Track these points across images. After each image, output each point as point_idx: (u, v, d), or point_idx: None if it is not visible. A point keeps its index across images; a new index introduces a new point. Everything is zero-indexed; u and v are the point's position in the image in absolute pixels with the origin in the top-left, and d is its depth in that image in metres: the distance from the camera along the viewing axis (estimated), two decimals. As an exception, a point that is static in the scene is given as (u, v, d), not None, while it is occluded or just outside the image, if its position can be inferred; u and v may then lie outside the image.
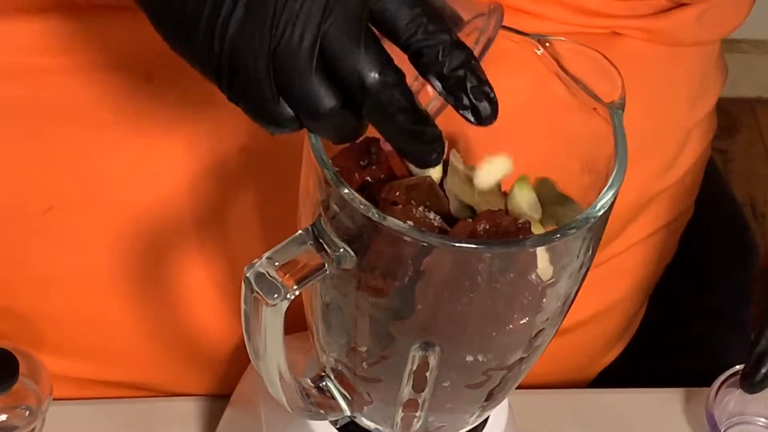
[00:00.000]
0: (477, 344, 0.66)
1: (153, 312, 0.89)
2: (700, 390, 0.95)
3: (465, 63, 0.61)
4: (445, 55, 0.60)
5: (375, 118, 0.61)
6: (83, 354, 0.91)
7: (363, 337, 0.67)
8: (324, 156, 0.63)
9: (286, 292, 0.62)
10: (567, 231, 0.62)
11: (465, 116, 0.61)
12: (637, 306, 1.05)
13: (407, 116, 0.60)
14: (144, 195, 0.84)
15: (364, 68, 0.59)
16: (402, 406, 0.70)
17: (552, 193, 0.70)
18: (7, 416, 0.87)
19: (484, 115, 0.61)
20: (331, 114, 0.61)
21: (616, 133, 0.66)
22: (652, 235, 0.99)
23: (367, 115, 0.61)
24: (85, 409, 0.92)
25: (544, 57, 0.68)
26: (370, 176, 0.68)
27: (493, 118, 0.61)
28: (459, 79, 0.61)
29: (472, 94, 0.61)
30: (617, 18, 0.87)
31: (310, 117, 0.61)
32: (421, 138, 0.61)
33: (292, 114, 0.61)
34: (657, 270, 1.04)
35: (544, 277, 0.64)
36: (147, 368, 0.92)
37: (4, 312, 0.89)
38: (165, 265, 0.87)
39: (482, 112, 0.61)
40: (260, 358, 0.66)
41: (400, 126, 0.60)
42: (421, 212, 0.65)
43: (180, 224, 0.85)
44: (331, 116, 0.61)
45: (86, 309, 0.89)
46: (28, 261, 0.87)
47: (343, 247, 0.63)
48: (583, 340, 0.99)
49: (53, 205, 0.84)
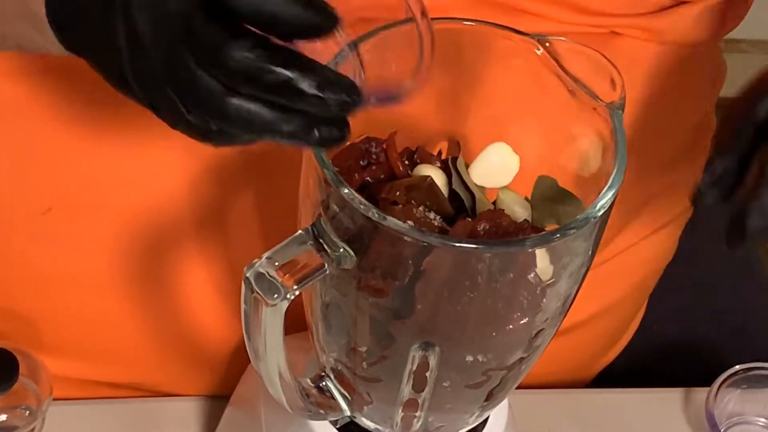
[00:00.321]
0: (477, 344, 0.66)
1: (153, 312, 0.89)
2: (699, 390, 0.95)
3: None
4: None
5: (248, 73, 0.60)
6: (83, 354, 0.91)
7: (363, 337, 0.67)
8: (324, 156, 0.63)
9: (286, 292, 0.62)
10: (567, 231, 0.62)
11: None
12: (637, 305, 1.05)
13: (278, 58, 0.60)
14: (143, 195, 0.84)
15: (230, 50, 0.59)
16: (402, 406, 0.70)
17: (553, 191, 0.70)
18: (7, 416, 0.87)
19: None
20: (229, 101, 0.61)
21: (616, 133, 0.66)
22: (651, 234, 0.99)
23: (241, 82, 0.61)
24: (85, 409, 0.92)
25: (544, 57, 0.68)
26: (370, 176, 0.68)
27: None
28: None
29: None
30: (616, 17, 0.87)
31: (214, 114, 0.62)
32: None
33: (213, 127, 0.63)
34: (657, 269, 1.04)
35: (544, 277, 0.64)
36: (147, 369, 0.92)
37: (4, 312, 0.89)
38: (165, 266, 0.87)
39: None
40: (260, 358, 0.66)
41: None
42: (421, 212, 0.65)
43: (180, 224, 0.85)
44: (231, 104, 0.61)
45: (86, 309, 0.89)
46: (28, 262, 0.87)
47: (343, 247, 0.63)
48: (583, 339, 0.99)
49: (52, 206, 0.84)
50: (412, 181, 0.68)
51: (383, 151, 0.69)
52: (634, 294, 1.02)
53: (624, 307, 1.02)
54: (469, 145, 0.72)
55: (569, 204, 0.69)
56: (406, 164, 0.70)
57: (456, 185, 0.69)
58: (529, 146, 0.71)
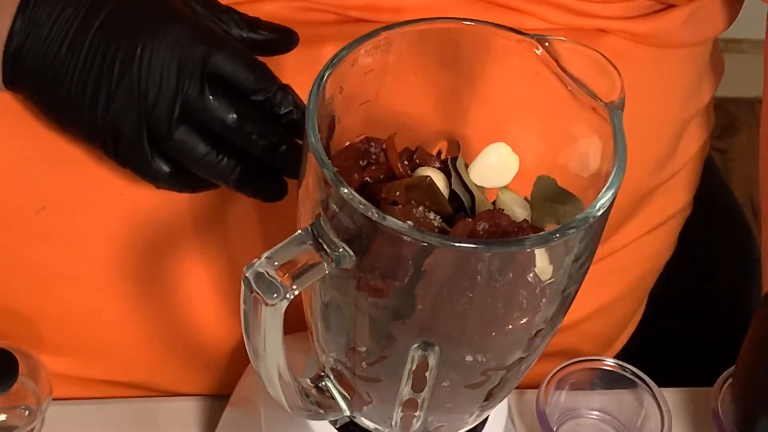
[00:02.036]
0: (476, 344, 0.66)
1: (152, 311, 0.89)
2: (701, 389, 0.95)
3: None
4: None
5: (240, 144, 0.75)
6: (82, 353, 0.91)
7: (362, 337, 0.67)
8: (324, 156, 0.63)
9: (286, 291, 0.62)
10: (566, 231, 0.62)
11: None
12: (636, 303, 1.05)
13: (263, 139, 0.75)
14: (142, 194, 0.84)
15: (219, 114, 0.74)
16: (401, 405, 0.70)
17: (553, 191, 0.70)
18: (6, 416, 0.87)
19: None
20: (206, 157, 0.75)
21: (616, 133, 0.66)
22: (649, 231, 0.99)
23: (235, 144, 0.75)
24: (85, 409, 0.92)
25: (544, 57, 0.68)
26: (369, 176, 0.68)
27: None
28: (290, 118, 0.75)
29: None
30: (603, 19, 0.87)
31: (190, 161, 0.75)
32: (277, 149, 0.75)
33: (167, 170, 0.76)
34: (656, 267, 1.04)
35: (544, 276, 0.64)
36: (146, 367, 0.92)
37: (3, 311, 0.89)
38: (164, 265, 0.87)
39: None
40: (260, 358, 0.66)
41: (261, 147, 0.75)
42: (421, 212, 0.65)
43: (178, 223, 0.85)
44: (206, 159, 0.75)
45: (84, 308, 0.89)
46: (24, 260, 0.87)
47: (343, 246, 0.63)
48: (581, 337, 0.99)
49: (46, 204, 0.84)
50: (412, 181, 0.68)
51: (383, 151, 0.69)
52: (633, 292, 1.02)
53: (622, 304, 1.02)
54: (469, 145, 0.72)
55: (569, 204, 0.69)
56: (406, 164, 0.70)
57: (456, 185, 0.69)
58: (529, 146, 0.71)
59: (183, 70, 0.74)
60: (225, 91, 0.75)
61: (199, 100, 0.74)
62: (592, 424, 0.92)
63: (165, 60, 0.74)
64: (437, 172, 0.69)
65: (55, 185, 0.84)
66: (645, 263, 1.01)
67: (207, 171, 0.76)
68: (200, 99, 0.74)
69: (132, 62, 0.74)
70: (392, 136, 0.70)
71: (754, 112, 2.36)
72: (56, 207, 0.84)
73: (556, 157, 0.70)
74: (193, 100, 0.74)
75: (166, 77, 0.74)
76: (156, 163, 0.76)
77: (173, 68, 0.74)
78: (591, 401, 0.92)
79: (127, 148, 0.75)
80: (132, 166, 0.76)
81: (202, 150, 0.75)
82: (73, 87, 0.75)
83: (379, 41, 0.68)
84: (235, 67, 0.75)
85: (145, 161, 0.76)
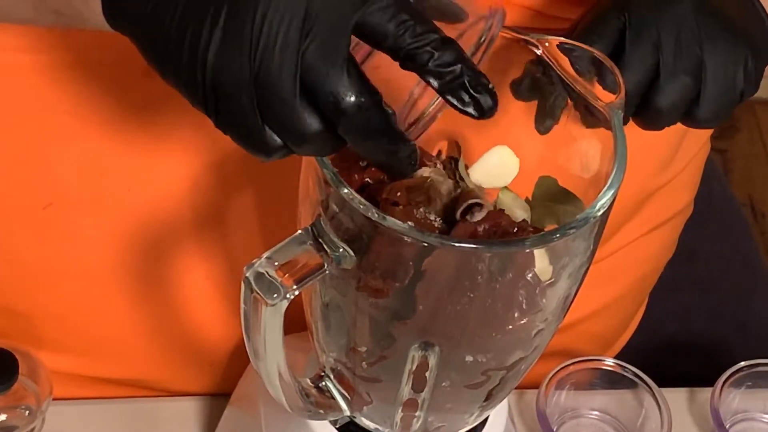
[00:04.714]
0: (476, 344, 0.66)
1: (152, 310, 0.89)
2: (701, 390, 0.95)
3: (459, 58, 0.61)
4: (437, 53, 0.60)
5: (351, 139, 0.61)
6: (83, 350, 0.91)
7: (362, 337, 0.67)
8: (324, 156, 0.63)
9: (286, 291, 0.62)
10: (566, 231, 0.62)
11: (466, 112, 0.61)
12: (636, 303, 1.05)
13: (382, 137, 0.61)
14: (143, 192, 0.84)
15: (341, 91, 0.59)
16: (401, 406, 0.70)
17: (553, 191, 0.70)
18: (6, 416, 0.87)
19: (486, 107, 0.61)
20: (315, 137, 0.61)
21: (616, 133, 0.66)
22: (650, 232, 0.99)
23: (344, 135, 0.61)
24: (85, 409, 0.92)
25: (544, 57, 0.68)
26: (369, 177, 0.68)
27: (495, 109, 0.61)
28: (456, 76, 0.61)
29: (472, 88, 0.61)
30: None
31: (296, 143, 0.61)
32: (396, 154, 0.62)
33: (279, 142, 0.62)
34: (656, 267, 1.04)
35: (544, 277, 0.64)
36: (146, 366, 0.92)
37: (3, 310, 0.90)
38: (165, 263, 0.87)
39: (483, 104, 0.61)
40: (260, 358, 0.66)
41: (375, 146, 0.61)
42: (421, 213, 0.65)
43: (180, 222, 0.85)
44: (315, 139, 0.61)
45: (87, 305, 0.89)
46: (28, 257, 0.87)
47: (343, 247, 0.63)
48: (581, 337, 0.99)
49: (52, 201, 0.84)
50: (412, 182, 0.68)
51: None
52: (634, 292, 1.02)
53: (623, 304, 1.02)
54: (469, 145, 0.72)
55: (569, 204, 0.69)
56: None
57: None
58: (529, 147, 0.71)
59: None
60: None
61: None
62: (592, 424, 0.93)
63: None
64: (438, 172, 0.69)
65: (61, 182, 0.84)
66: (645, 263, 1.01)
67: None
68: None
69: None
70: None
71: (754, 112, 2.36)
72: (63, 203, 0.84)
73: (556, 157, 0.70)
74: None
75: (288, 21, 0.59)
76: (266, 134, 0.62)
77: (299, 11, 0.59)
78: (591, 401, 0.92)
79: (232, 108, 0.61)
80: (234, 134, 0.63)
81: None
82: (174, 23, 0.61)
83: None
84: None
85: (248, 130, 0.62)
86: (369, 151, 0.62)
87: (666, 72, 0.71)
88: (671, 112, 0.72)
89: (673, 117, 0.73)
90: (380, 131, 0.61)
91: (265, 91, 0.60)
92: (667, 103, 0.71)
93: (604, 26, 0.72)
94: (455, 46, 0.61)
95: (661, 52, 0.71)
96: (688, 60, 0.71)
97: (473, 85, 0.61)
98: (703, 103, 0.72)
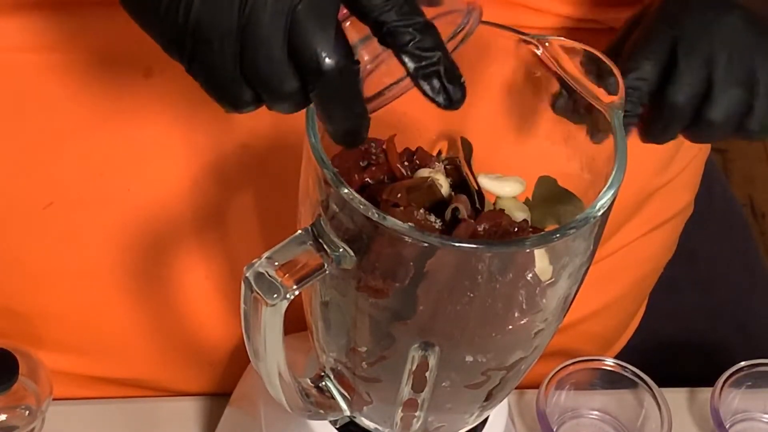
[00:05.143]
0: (477, 344, 0.66)
1: (152, 309, 0.89)
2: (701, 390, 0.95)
3: (438, 46, 0.61)
4: (419, 36, 0.61)
5: (321, 100, 0.61)
6: (83, 350, 0.91)
7: (362, 337, 0.67)
8: (324, 156, 0.63)
9: (286, 291, 0.62)
10: (566, 231, 0.62)
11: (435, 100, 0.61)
12: (637, 303, 1.05)
13: (351, 104, 0.61)
14: (144, 192, 0.84)
15: (326, 52, 0.59)
16: (401, 406, 0.70)
17: (553, 191, 0.70)
18: (6, 416, 0.87)
19: (455, 98, 0.61)
20: (292, 95, 0.60)
21: (616, 133, 0.66)
22: (650, 232, 0.99)
23: (316, 96, 0.60)
24: (85, 409, 0.92)
25: (544, 57, 0.68)
26: (370, 177, 0.68)
27: (462, 102, 0.61)
28: (432, 62, 0.61)
29: (446, 77, 0.61)
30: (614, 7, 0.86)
31: (273, 99, 0.61)
32: (357, 123, 0.62)
33: (252, 96, 0.61)
34: (656, 267, 1.04)
35: (544, 276, 0.64)
36: (147, 365, 0.92)
37: (3, 310, 0.89)
38: (165, 263, 0.87)
39: (453, 95, 0.61)
40: (260, 358, 0.66)
41: (342, 112, 0.61)
42: (422, 214, 0.65)
43: (180, 222, 0.85)
44: (292, 98, 0.61)
45: (86, 305, 0.89)
46: (28, 256, 0.87)
47: (343, 247, 0.63)
48: (581, 337, 0.99)
49: (53, 201, 0.84)
50: (413, 182, 0.68)
51: (383, 151, 0.69)
52: (634, 292, 1.02)
53: (623, 303, 1.02)
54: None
55: (569, 204, 0.69)
56: (406, 165, 0.70)
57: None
58: (530, 146, 0.71)
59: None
60: None
61: None
62: (592, 424, 0.93)
63: None
64: (438, 172, 0.69)
65: (63, 181, 0.84)
66: (645, 263, 1.01)
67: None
68: None
69: None
70: (392, 137, 0.70)
71: (754, 112, 2.36)
72: (63, 203, 0.84)
73: (556, 157, 0.70)
74: None
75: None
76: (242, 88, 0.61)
77: None
78: (591, 401, 0.92)
79: (209, 56, 0.60)
80: (206, 83, 0.62)
81: None
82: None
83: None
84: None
85: (224, 81, 0.61)
86: (335, 116, 0.61)
87: (719, 85, 0.71)
88: (724, 124, 0.72)
89: (726, 130, 0.73)
90: (351, 98, 0.61)
91: (251, 44, 0.59)
92: (721, 115, 0.72)
93: (656, 41, 0.72)
94: (436, 33, 0.61)
95: (714, 65, 0.71)
96: (741, 72, 0.71)
97: (447, 75, 0.61)
98: (755, 115, 0.72)
